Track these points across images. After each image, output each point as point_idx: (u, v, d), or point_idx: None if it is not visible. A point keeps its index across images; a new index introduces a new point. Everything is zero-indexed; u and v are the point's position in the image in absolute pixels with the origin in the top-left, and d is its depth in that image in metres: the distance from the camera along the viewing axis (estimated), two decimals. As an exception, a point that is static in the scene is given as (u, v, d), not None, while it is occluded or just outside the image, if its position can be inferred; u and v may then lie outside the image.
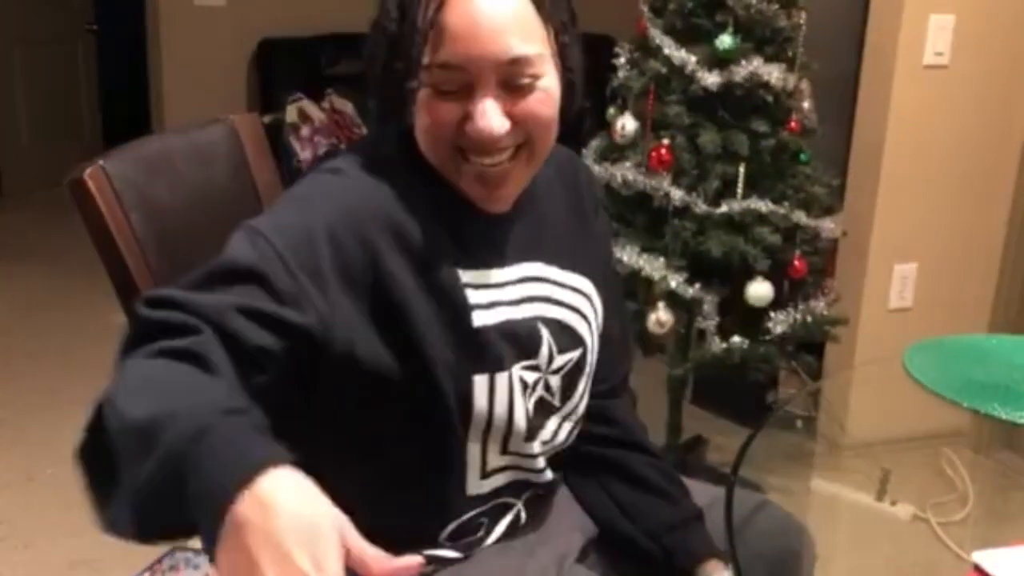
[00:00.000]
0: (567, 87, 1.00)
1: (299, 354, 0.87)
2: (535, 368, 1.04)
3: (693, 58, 2.15)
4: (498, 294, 1.01)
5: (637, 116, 2.24)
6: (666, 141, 2.17)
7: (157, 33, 4.53)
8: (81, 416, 0.74)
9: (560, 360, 1.07)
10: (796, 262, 2.20)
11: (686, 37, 2.18)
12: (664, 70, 2.20)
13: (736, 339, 2.21)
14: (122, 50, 5.63)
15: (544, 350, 1.04)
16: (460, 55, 0.91)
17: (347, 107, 4.30)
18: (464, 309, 0.98)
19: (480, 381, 0.99)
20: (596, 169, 2.31)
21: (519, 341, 1.02)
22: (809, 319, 2.26)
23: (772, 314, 2.21)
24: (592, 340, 1.12)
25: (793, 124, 2.20)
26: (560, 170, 1.13)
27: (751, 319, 2.22)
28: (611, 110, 2.29)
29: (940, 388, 1.26)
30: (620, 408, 1.23)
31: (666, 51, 2.18)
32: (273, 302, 0.85)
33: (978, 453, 2.60)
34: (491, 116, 0.92)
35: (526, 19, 0.93)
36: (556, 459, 1.13)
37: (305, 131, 4.16)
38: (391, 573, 0.65)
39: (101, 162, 1.03)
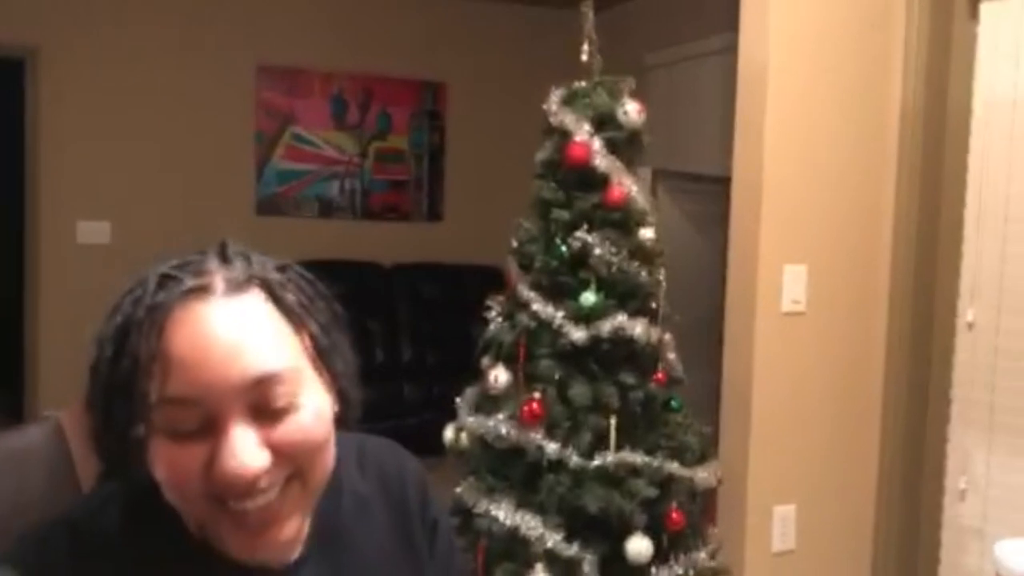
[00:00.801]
0: (338, 395, 0.85)
1: None
2: None
3: (560, 313, 2.19)
4: None
5: (509, 368, 2.25)
6: (537, 395, 2.17)
7: (37, 273, 4.45)
8: None
9: None
10: (673, 514, 2.17)
11: (553, 293, 2.23)
12: (534, 324, 2.23)
13: (620, 601, 2.13)
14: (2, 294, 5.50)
15: None
16: (192, 384, 0.76)
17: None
18: None
19: None
20: (469, 421, 2.29)
21: None
22: (691, 572, 2.21)
23: (654, 570, 2.16)
24: None
25: (660, 375, 2.24)
26: (383, 481, 0.97)
27: (633, 576, 2.16)
28: (485, 360, 2.30)
29: None
30: None
31: (534, 307, 2.22)
32: None
33: None
34: (242, 452, 0.76)
35: (269, 332, 0.79)
36: None
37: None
38: None
39: None
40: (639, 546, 2.11)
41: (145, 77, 4.88)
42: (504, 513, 2.13)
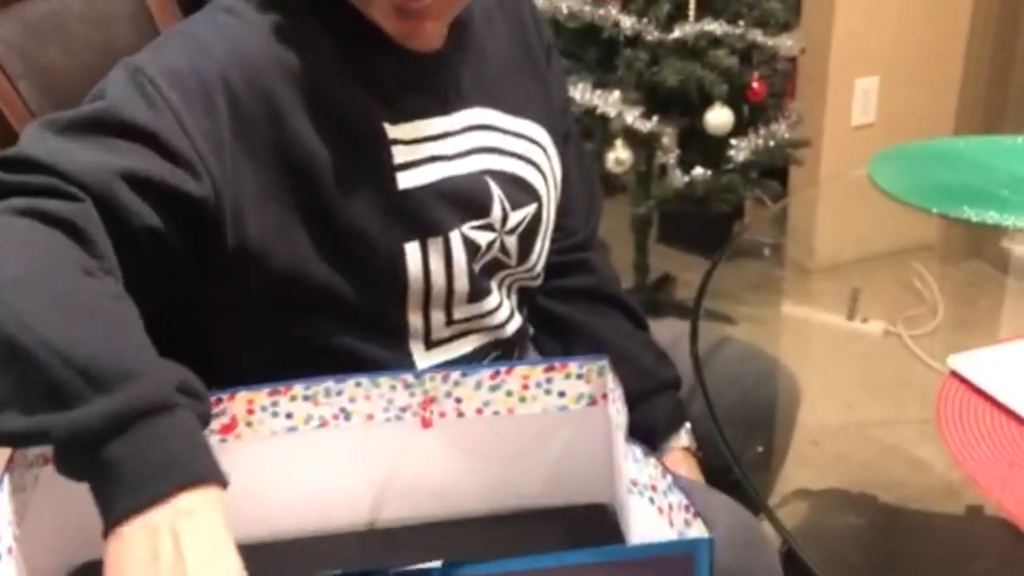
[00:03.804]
0: None
1: (193, 236, 0.76)
2: (488, 228, 0.93)
3: None
4: (437, 147, 0.89)
5: (581, -59, 2.11)
6: (613, -35, 2.05)
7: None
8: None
9: (516, 217, 0.95)
10: (755, 84, 2.12)
11: None
12: None
13: (698, 171, 2.15)
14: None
15: (496, 208, 0.93)
16: None
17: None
18: (385, 169, 0.85)
19: (411, 249, 0.87)
20: (539, 2, 2.19)
21: (463, 199, 0.90)
22: (771, 143, 2.20)
23: (733, 142, 2.15)
24: (548, 193, 1.00)
25: (744, -64, 2.07)
26: (501, 1, 1.00)
27: (712, 149, 2.15)
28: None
29: (907, 196, 1.20)
30: (594, 260, 1.13)
31: None
32: (167, 169, 0.72)
33: (946, 264, 2.59)
34: None
35: None
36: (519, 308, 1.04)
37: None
38: None
39: (-25, 26, 0.93)
40: (719, 116, 2.08)
41: None
42: (581, 92, 2.10)
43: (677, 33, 2.05)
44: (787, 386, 1.20)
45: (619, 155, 2.10)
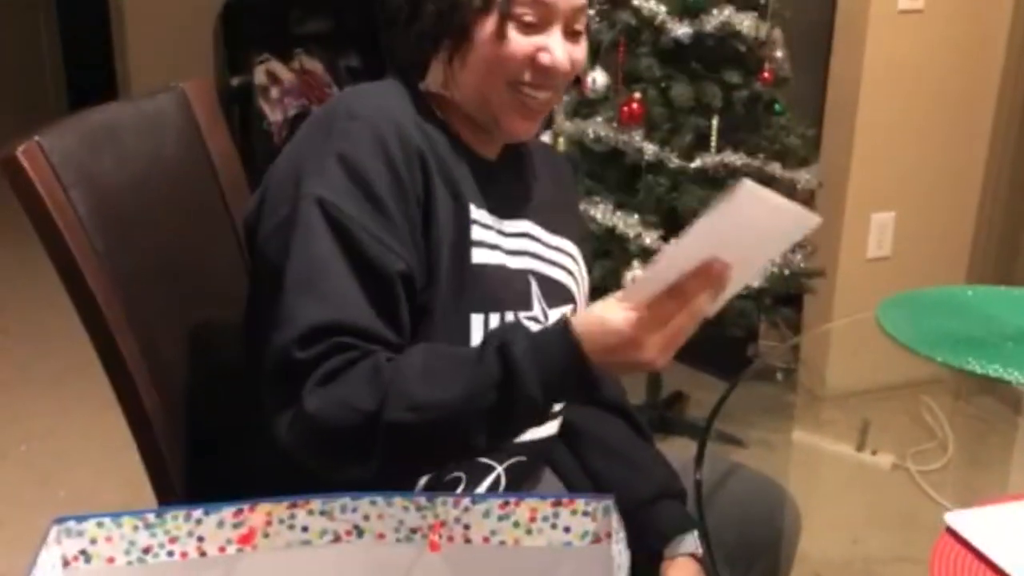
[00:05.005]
0: None
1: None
2: (535, 320, 1.03)
3: (663, 8, 2.11)
4: (498, 239, 1.02)
5: (608, 70, 2.20)
6: (637, 95, 2.13)
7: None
8: (53, 390, 0.70)
9: (554, 315, 1.05)
10: (772, 215, 2.17)
11: (656, -13, 2.12)
12: (634, 22, 2.15)
13: (713, 295, 2.18)
14: (85, 13, 5.49)
15: (536, 304, 1.04)
16: None
17: (317, 67, 4.21)
18: (468, 243, 0.98)
19: (476, 320, 0.97)
20: (567, 126, 2.28)
21: (513, 290, 1.02)
22: (787, 272, 2.24)
23: (749, 268, 2.19)
24: (580, 298, 1.12)
25: (766, 74, 2.16)
26: (546, 149, 1.19)
27: (728, 274, 2.19)
28: (582, 64, 2.24)
29: (914, 343, 1.23)
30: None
31: (635, 2, 2.13)
32: (400, 287, 0.91)
33: (957, 399, 2.60)
34: (562, 52, 0.97)
35: None
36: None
37: (274, 93, 4.08)
38: None
39: (37, 137, 0.98)
40: (737, 244, 2.13)
41: None
42: (602, 213, 2.16)
43: (698, 162, 2.13)
44: (792, 520, 1.21)
45: (636, 274, 2.15)
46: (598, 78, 2.21)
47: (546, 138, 2.41)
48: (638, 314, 0.81)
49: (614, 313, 0.82)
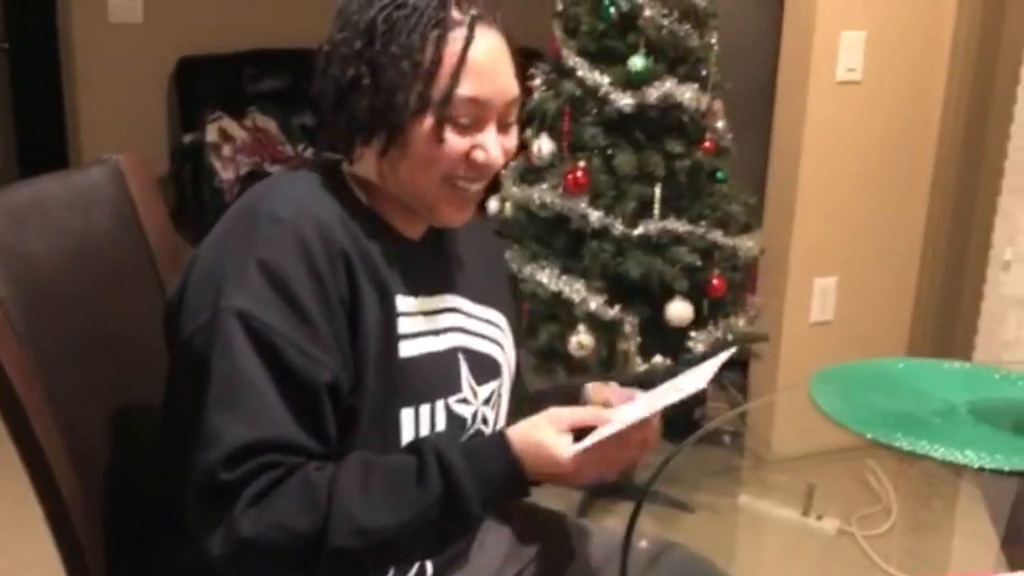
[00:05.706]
0: None
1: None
2: (465, 402, 1.03)
3: (607, 80, 2.14)
4: (424, 324, 1.01)
5: (553, 138, 2.23)
6: (582, 163, 2.16)
7: (71, 53, 4.38)
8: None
9: (484, 392, 1.06)
10: (715, 281, 2.20)
11: (599, 59, 2.17)
12: (579, 92, 2.19)
13: (658, 359, 2.20)
14: (36, 71, 5.43)
15: (465, 385, 1.04)
16: (488, 91, 0.97)
17: (270, 125, 4.22)
18: (395, 337, 0.98)
19: (407, 415, 0.97)
20: (514, 192, 2.30)
21: (442, 374, 1.02)
22: (730, 337, 2.26)
23: (693, 333, 2.21)
24: (507, 370, 1.12)
25: (708, 144, 2.21)
26: (476, 223, 1.17)
27: (672, 339, 2.22)
28: (528, 131, 2.27)
29: (845, 419, 1.25)
30: None
31: (580, 73, 2.17)
32: (325, 396, 0.91)
33: (901, 462, 2.63)
34: (496, 148, 0.99)
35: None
36: None
37: (227, 150, 4.06)
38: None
39: (-43, 216, 0.97)
40: (679, 310, 2.16)
41: None
42: (548, 278, 2.18)
43: (641, 229, 2.15)
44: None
45: (582, 339, 2.16)
46: (544, 146, 2.23)
47: (493, 203, 2.43)
48: (583, 456, 0.90)
49: (557, 446, 0.90)
